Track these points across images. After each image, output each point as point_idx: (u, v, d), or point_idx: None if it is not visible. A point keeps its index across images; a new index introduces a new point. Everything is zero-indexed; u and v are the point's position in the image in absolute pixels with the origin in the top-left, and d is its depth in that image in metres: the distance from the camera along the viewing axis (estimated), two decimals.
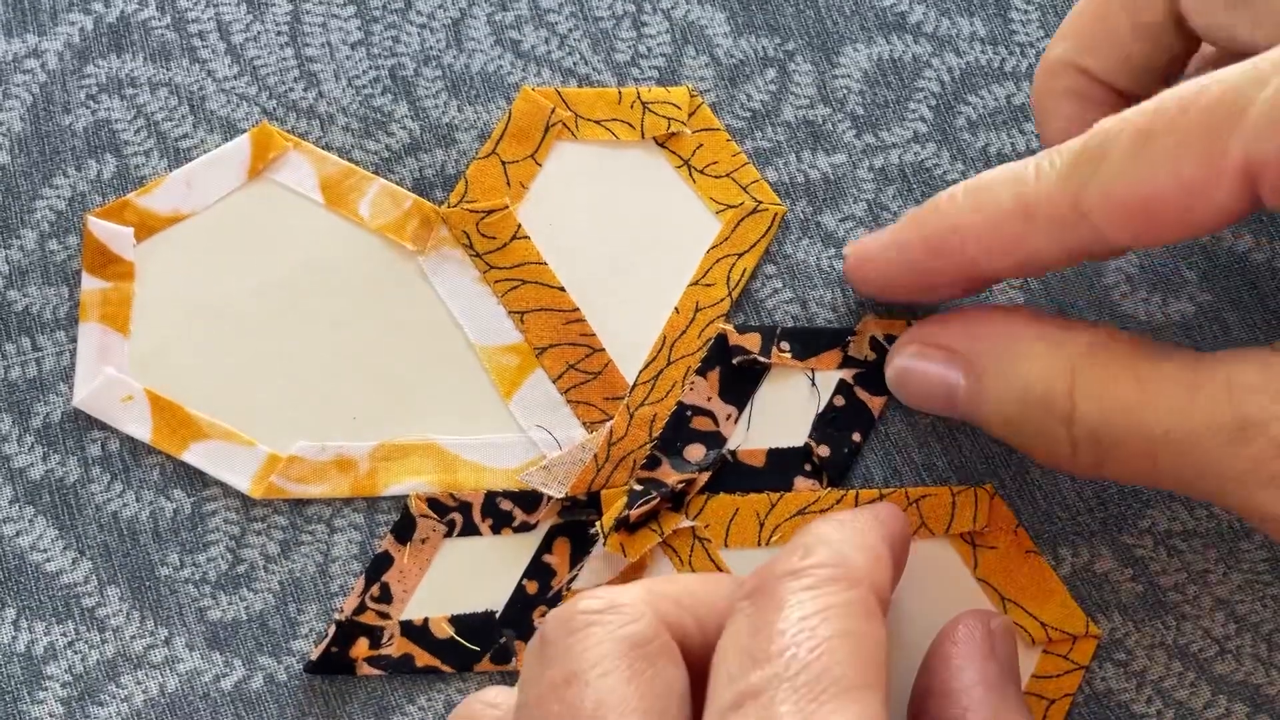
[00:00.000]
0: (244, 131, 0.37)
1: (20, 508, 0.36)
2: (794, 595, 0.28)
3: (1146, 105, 0.29)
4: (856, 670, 0.26)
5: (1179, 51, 0.33)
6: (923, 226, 0.33)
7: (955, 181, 0.37)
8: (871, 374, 0.36)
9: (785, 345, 0.36)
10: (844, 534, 0.30)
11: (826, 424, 0.36)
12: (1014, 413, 0.32)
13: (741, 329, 0.36)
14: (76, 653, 0.35)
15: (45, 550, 0.35)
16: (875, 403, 0.36)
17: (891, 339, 0.36)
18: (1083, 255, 0.31)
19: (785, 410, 0.36)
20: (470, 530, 0.36)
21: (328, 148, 0.38)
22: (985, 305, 0.34)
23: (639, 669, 0.27)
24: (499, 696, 0.31)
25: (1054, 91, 0.34)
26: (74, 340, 0.36)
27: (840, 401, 0.36)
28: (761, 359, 0.36)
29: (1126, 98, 0.33)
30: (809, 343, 0.36)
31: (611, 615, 0.28)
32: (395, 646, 0.35)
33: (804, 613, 0.27)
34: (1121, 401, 0.30)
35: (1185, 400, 0.29)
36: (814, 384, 0.36)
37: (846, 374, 0.36)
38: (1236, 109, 0.27)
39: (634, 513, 0.35)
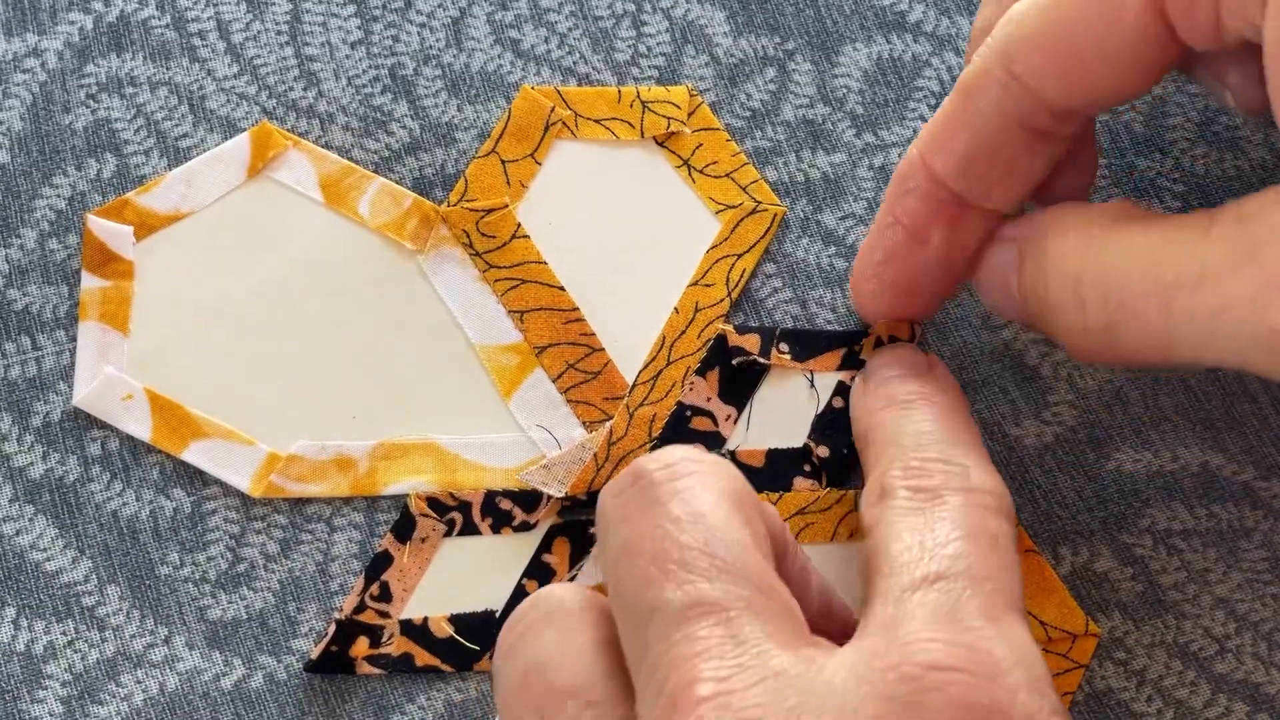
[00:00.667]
0: (244, 131, 0.37)
1: (20, 506, 0.36)
2: (970, 509, 0.29)
3: None
4: (1019, 595, 0.28)
5: None
6: (893, 175, 0.34)
7: None
8: None
9: (784, 347, 0.36)
10: (986, 465, 0.31)
11: (825, 425, 0.36)
12: (1036, 284, 0.32)
13: (741, 329, 0.36)
14: (76, 651, 0.35)
15: (45, 549, 0.35)
16: None
17: (898, 341, 0.36)
18: (1032, 129, 0.31)
19: (784, 411, 0.36)
20: (470, 529, 0.36)
21: (328, 147, 0.38)
22: None
23: (747, 516, 0.28)
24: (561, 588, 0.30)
25: None
26: (74, 339, 0.36)
27: (839, 403, 0.36)
28: (761, 360, 0.36)
29: None
30: (808, 344, 0.36)
31: (715, 468, 0.29)
32: (395, 645, 0.35)
33: (979, 527, 0.29)
34: (1134, 250, 0.29)
35: (1199, 239, 0.28)
36: (813, 385, 0.36)
37: (845, 376, 0.36)
38: None
39: None
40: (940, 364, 0.35)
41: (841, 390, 0.36)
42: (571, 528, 0.36)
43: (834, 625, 0.30)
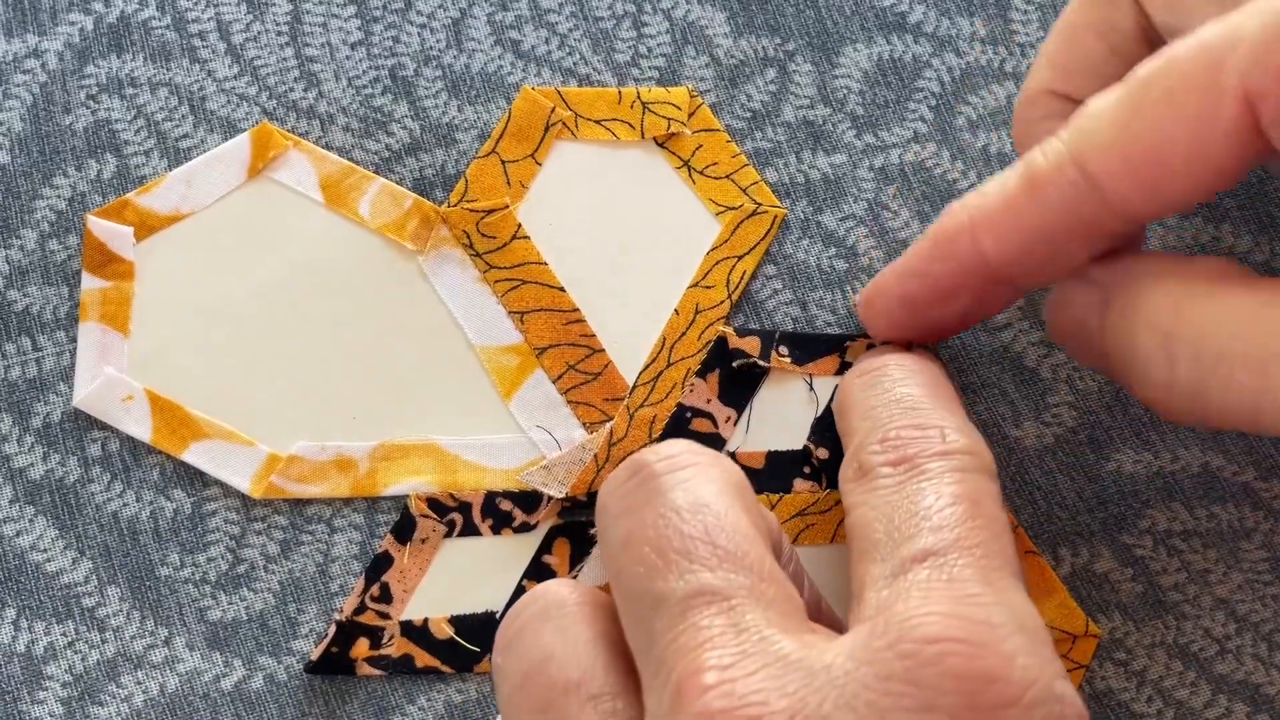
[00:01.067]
0: (244, 131, 0.37)
1: (20, 507, 0.36)
2: (949, 474, 0.29)
3: (1136, 69, 0.29)
4: (1012, 554, 0.28)
5: None
6: (933, 228, 0.33)
7: (955, 181, 0.37)
8: None
9: (784, 350, 0.36)
10: (962, 423, 0.31)
11: (825, 428, 0.36)
12: (1121, 332, 0.31)
13: (741, 332, 0.36)
14: (76, 653, 0.35)
15: (45, 550, 0.35)
16: None
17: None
18: (1096, 231, 0.30)
19: (784, 413, 0.36)
20: (470, 530, 0.36)
21: (328, 148, 0.37)
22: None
23: (747, 506, 0.28)
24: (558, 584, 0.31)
25: (1035, 120, 0.34)
26: (74, 340, 0.36)
27: None
28: (761, 363, 0.36)
29: None
30: (807, 348, 0.36)
31: (715, 460, 0.29)
32: (395, 647, 0.35)
33: (961, 491, 0.29)
34: (1234, 312, 0.29)
35: None
36: (812, 389, 0.36)
37: None
38: (1228, 44, 0.27)
39: None
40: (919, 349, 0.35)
41: None
42: (572, 529, 0.36)
43: (822, 627, 0.30)
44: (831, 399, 0.36)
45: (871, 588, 0.27)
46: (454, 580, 0.36)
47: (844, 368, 0.36)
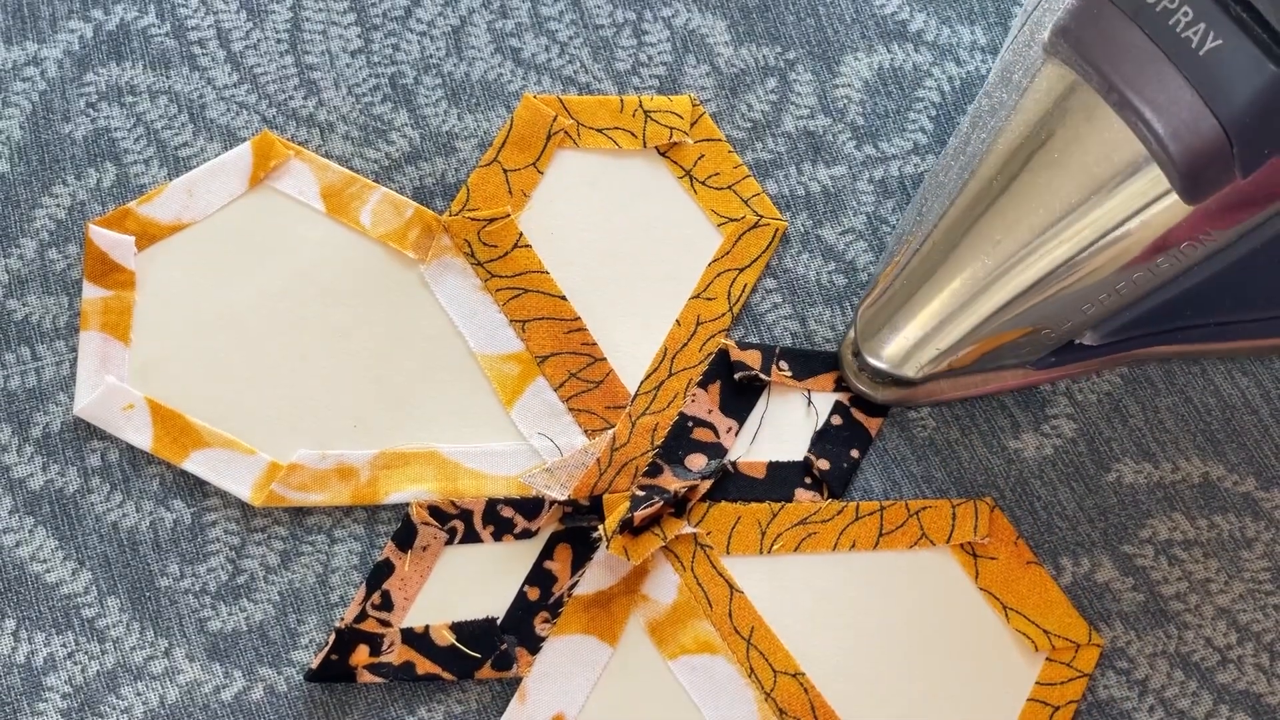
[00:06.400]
0: (244, 140, 0.37)
1: (20, 518, 0.36)
2: None
3: None
4: None
5: None
6: None
7: None
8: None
9: (784, 365, 0.36)
10: None
11: (825, 441, 0.36)
12: None
13: (742, 345, 0.36)
14: (76, 664, 0.35)
15: (45, 561, 0.35)
16: (872, 423, 0.36)
17: None
18: None
19: (785, 425, 0.36)
20: (471, 537, 0.36)
21: (328, 156, 0.37)
22: None
23: None
24: None
25: None
26: (74, 350, 0.36)
27: (838, 420, 0.36)
28: (762, 376, 0.36)
29: None
30: (806, 364, 0.36)
31: None
32: (396, 654, 0.35)
33: None
34: None
35: None
36: (811, 404, 0.36)
37: (843, 396, 0.36)
38: None
39: (638, 515, 0.35)
40: None
41: (840, 409, 0.36)
42: (573, 534, 0.36)
43: None
44: (831, 413, 0.36)
45: None
46: (455, 587, 0.36)
47: (840, 385, 0.36)
